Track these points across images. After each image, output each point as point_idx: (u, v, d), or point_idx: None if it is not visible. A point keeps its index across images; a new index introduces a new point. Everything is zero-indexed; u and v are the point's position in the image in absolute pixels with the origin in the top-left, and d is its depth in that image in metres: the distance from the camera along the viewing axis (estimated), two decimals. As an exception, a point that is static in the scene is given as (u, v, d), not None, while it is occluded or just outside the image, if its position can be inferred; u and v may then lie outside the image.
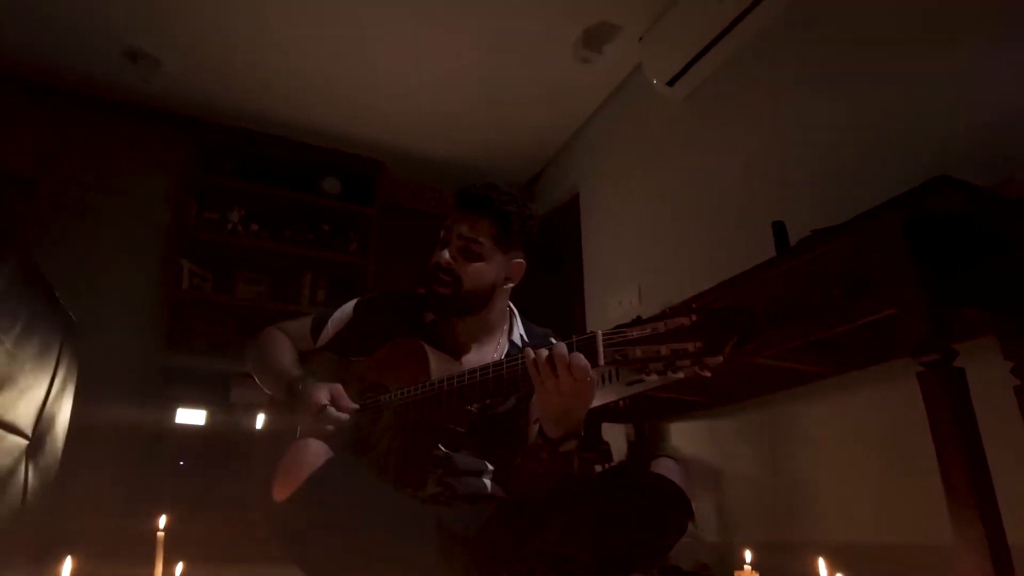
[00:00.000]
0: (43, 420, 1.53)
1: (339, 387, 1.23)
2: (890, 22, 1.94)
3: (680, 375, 0.88)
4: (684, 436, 2.55)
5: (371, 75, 3.25)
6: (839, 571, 1.15)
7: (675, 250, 2.74)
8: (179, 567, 1.30)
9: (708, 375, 0.87)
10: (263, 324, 1.46)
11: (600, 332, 0.95)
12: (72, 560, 0.87)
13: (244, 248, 3.57)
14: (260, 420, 1.52)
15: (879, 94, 1.93)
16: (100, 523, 2.43)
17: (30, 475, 1.47)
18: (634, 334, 0.91)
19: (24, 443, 1.45)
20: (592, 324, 3.24)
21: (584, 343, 0.97)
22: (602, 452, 2.57)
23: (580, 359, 0.95)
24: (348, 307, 1.44)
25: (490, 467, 1.28)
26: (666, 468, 1.08)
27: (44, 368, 1.49)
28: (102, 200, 3.29)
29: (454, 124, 3.65)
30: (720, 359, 0.85)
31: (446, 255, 1.29)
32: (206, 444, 3.08)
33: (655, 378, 0.90)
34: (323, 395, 1.20)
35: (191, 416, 3.14)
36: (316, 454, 0.99)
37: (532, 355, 1.00)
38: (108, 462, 2.83)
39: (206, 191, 3.52)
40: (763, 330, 1.51)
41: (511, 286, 1.36)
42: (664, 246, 2.82)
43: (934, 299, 1.20)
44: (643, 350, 0.90)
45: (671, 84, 2.72)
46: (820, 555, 1.14)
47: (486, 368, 1.08)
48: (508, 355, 1.31)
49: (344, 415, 1.20)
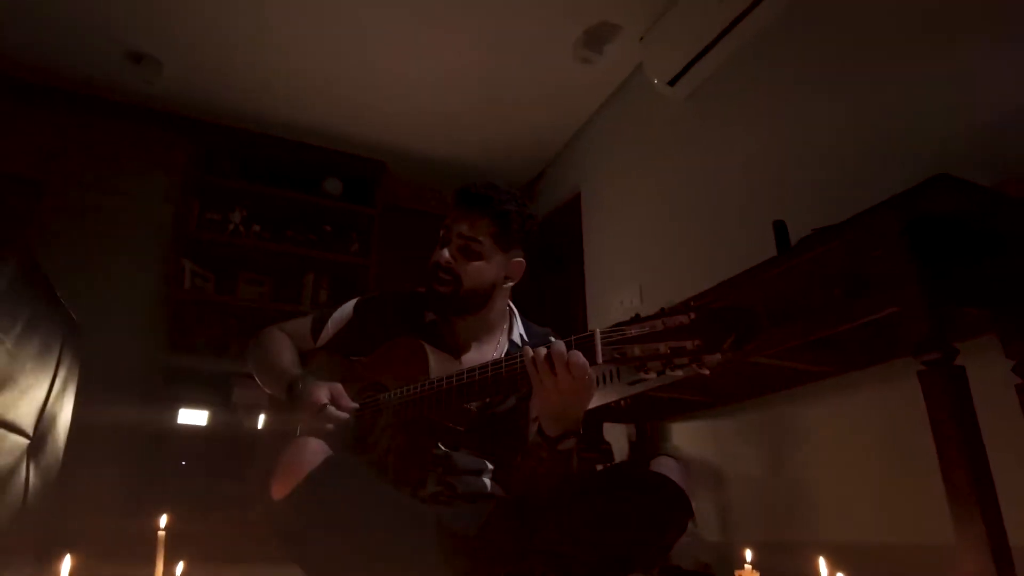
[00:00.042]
0: (44, 420, 1.54)
1: (339, 386, 1.23)
2: (890, 22, 1.93)
3: (679, 373, 0.88)
4: (685, 436, 2.55)
5: (372, 75, 3.25)
6: (840, 571, 1.15)
7: (676, 250, 2.74)
8: (180, 566, 1.30)
9: (707, 373, 0.86)
10: (265, 325, 1.46)
11: (598, 330, 0.95)
12: (72, 558, 0.87)
13: (246, 248, 3.57)
14: (261, 420, 1.53)
15: (879, 94, 1.92)
16: (101, 523, 2.43)
17: (31, 474, 1.47)
18: (632, 332, 0.91)
19: (25, 442, 1.45)
20: (593, 324, 3.24)
21: (582, 341, 0.97)
22: (603, 452, 2.57)
23: (578, 357, 0.95)
24: (348, 307, 1.44)
25: (490, 466, 1.28)
26: (666, 467, 1.08)
27: (45, 368, 1.49)
28: (104, 201, 3.30)
29: (455, 124, 3.65)
30: (718, 357, 0.84)
31: (446, 254, 1.29)
32: (208, 444, 3.09)
33: (654, 376, 0.90)
34: (323, 394, 1.20)
35: (193, 416, 3.15)
36: (315, 452, 0.99)
37: (531, 353, 1.00)
38: (110, 462, 2.83)
39: (208, 192, 3.53)
40: (763, 329, 1.50)
41: (511, 285, 1.36)
42: (665, 246, 2.82)
43: (935, 298, 1.19)
44: (641, 348, 0.89)
45: (672, 84, 2.71)
46: (821, 555, 1.14)
47: (485, 367, 1.08)
48: (508, 354, 1.31)
49: (344, 414, 1.20)
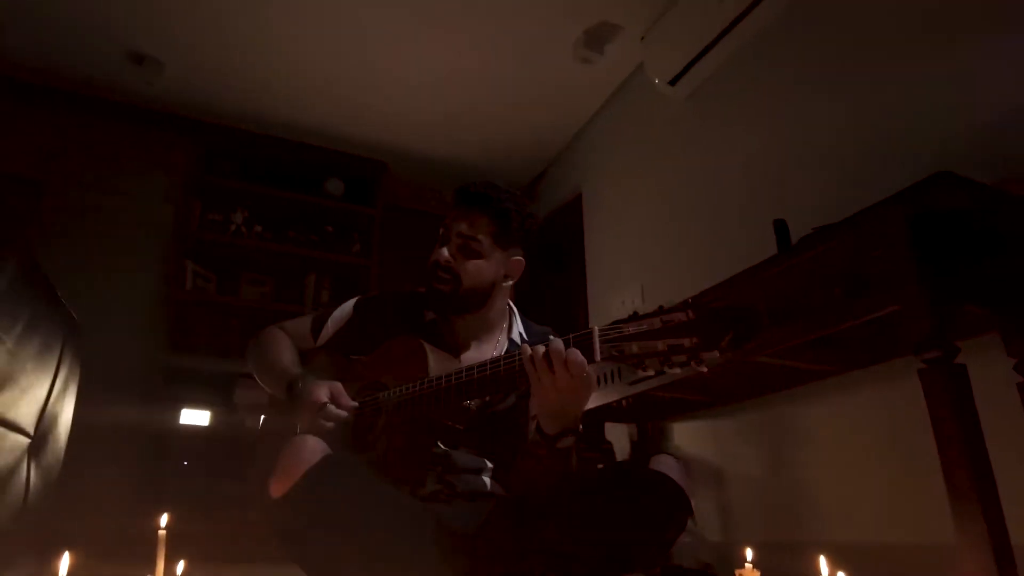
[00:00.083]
0: (45, 419, 1.54)
1: (339, 385, 1.23)
2: (890, 22, 1.93)
3: (677, 371, 0.87)
4: (686, 436, 2.54)
5: (373, 76, 3.25)
6: (841, 570, 1.14)
7: (678, 249, 2.73)
8: (180, 566, 1.30)
9: (705, 371, 0.86)
10: (267, 325, 1.46)
11: (596, 328, 0.95)
12: (70, 556, 0.87)
13: (248, 249, 3.57)
14: (262, 420, 1.53)
15: (879, 93, 1.92)
16: (102, 522, 2.44)
17: (32, 474, 1.47)
18: (630, 330, 0.91)
19: (26, 442, 1.45)
20: (595, 324, 3.19)
21: (581, 339, 0.97)
22: (604, 452, 2.56)
23: (576, 355, 0.95)
24: (348, 306, 1.44)
25: (490, 465, 1.28)
26: (665, 465, 1.08)
27: (46, 367, 1.49)
28: (105, 201, 3.30)
29: (456, 124, 3.65)
30: (716, 355, 0.84)
31: (445, 253, 1.29)
32: (210, 445, 3.09)
33: (652, 374, 0.90)
34: (323, 393, 1.20)
35: (195, 417, 3.15)
36: (313, 451, 0.99)
37: (529, 351, 1.00)
38: (111, 462, 2.84)
39: (209, 192, 3.53)
40: (764, 328, 1.50)
41: (511, 284, 1.36)
42: (667, 245, 2.82)
43: (936, 296, 1.18)
44: (640, 346, 0.89)
45: (673, 84, 2.71)
46: (822, 554, 1.13)
47: (484, 365, 1.08)
48: (507, 353, 1.31)
49: (343, 413, 1.20)
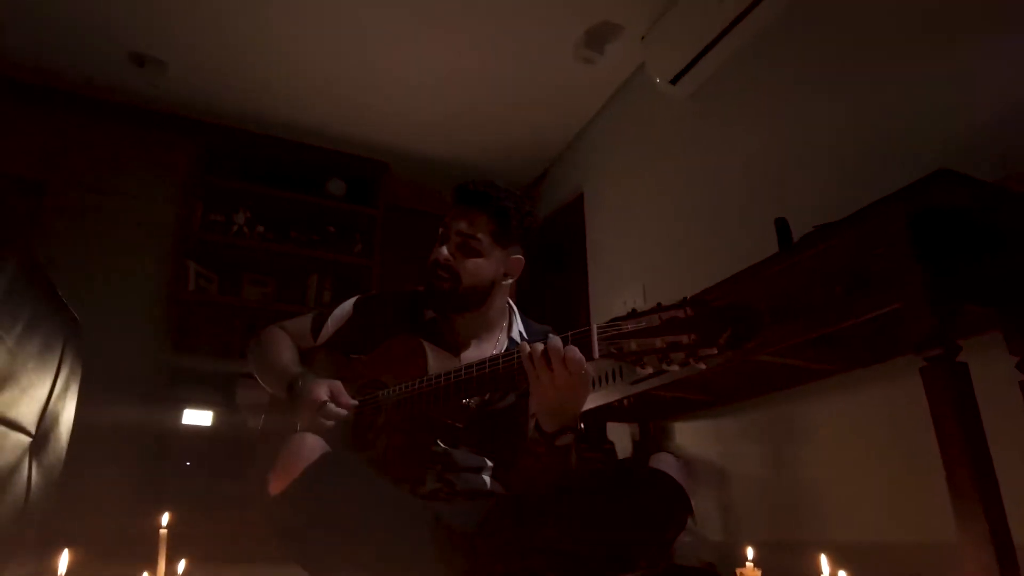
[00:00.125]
0: (47, 418, 1.54)
1: (338, 383, 1.24)
2: (890, 21, 1.92)
3: (675, 367, 0.87)
4: (688, 435, 2.54)
5: (375, 76, 3.25)
6: (843, 569, 1.14)
7: (679, 249, 2.73)
8: (182, 565, 1.31)
9: (703, 367, 0.86)
10: (268, 325, 1.47)
11: (595, 325, 0.95)
12: (69, 553, 0.87)
13: (250, 249, 3.57)
14: (262, 420, 1.53)
15: (881, 92, 1.91)
16: (105, 522, 2.44)
17: (34, 473, 1.48)
18: (629, 327, 0.91)
19: (27, 440, 1.45)
20: (596, 323, 3.22)
21: (579, 337, 0.97)
22: (607, 452, 2.56)
23: (575, 352, 0.95)
24: (348, 305, 1.44)
25: (489, 463, 1.27)
26: (665, 464, 1.08)
27: (47, 366, 1.50)
28: (108, 202, 3.31)
29: (458, 125, 3.65)
30: (714, 351, 0.84)
31: (444, 251, 1.29)
32: (212, 445, 3.09)
33: (650, 371, 0.89)
34: (322, 391, 1.21)
35: (198, 417, 3.15)
36: (312, 448, 0.99)
37: (527, 349, 1.00)
38: (114, 462, 2.84)
39: (211, 193, 3.52)
40: (765, 326, 1.50)
41: (510, 282, 1.36)
42: (668, 245, 2.81)
43: (938, 293, 1.18)
44: (638, 343, 0.89)
45: (674, 83, 2.70)
46: (823, 552, 1.13)
47: (483, 363, 1.08)
48: (506, 351, 1.31)
49: (343, 411, 1.20)
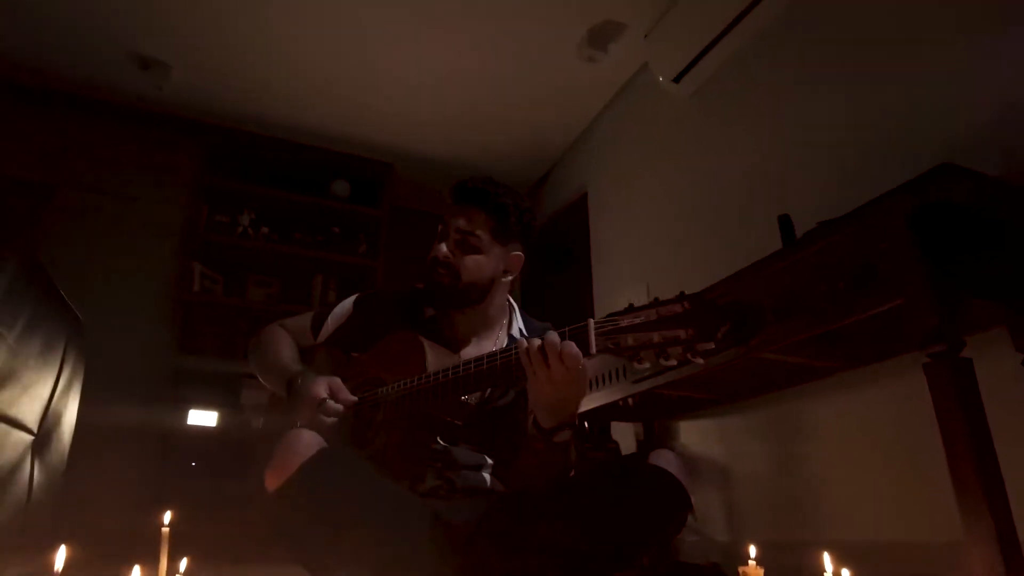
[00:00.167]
0: (49, 417, 1.55)
1: (337, 380, 1.23)
2: (891, 19, 1.91)
3: (672, 362, 0.86)
4: (693, 434, 2.52)
5: (376, 77, 3.25)
6: (849, 568, 1.13)
7: (683, 248, 2.71)
8: (183, 563, 1.30)
9: (701, 362, 0.85)
10: (271, 325, 1.47)
11: (592, 321, 0.94)
12: (66, 549, 0.87)
13: (255, 250, 3.58)
14: (264, 419, 1.53)
15: (882, 90, 1.89)
16: (108, 521, 2.45)
17: (36, 471, 1.48)
18: (625, 322, 0.90)
19: (29, 439, 1.46)
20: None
21: (576, 332, 0.96)
22: (610, 452, 2.55)
23: (572, 348, 0.95)
24: (348, 303, 1.44)
25: (490, 461, 1.27)
26: (665, 460, 1.07)
27: (49, 365, 1.50)
28: (113, 203, 3.32)
29: (461, 126, 3.65)
30: (712, 345, 0.83)
31: (443, 249, 1.29)
32: (217, 445, 3.10)
33: (647, 366, 0.89)
34: (322, 389, 1.20)
35: (203, 417, 3.16)
36: (309, 445, 0.99)
37: (525, 344, 0.99)
38: (119, 462, 2.85)
39: (216, 194, 3.54)
40: (767, 323, 1.48)
41: (510, 279, 1.35)
42: (672, 244, 2.80)
43: (941, 289, 1.16)
44: (635, 338, 0.88)
45: (677, 81, 2.69)
46: (826, 550, 1.12)
47: (480, 359, 1.08)
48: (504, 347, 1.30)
49: (342, 408, 1.20)
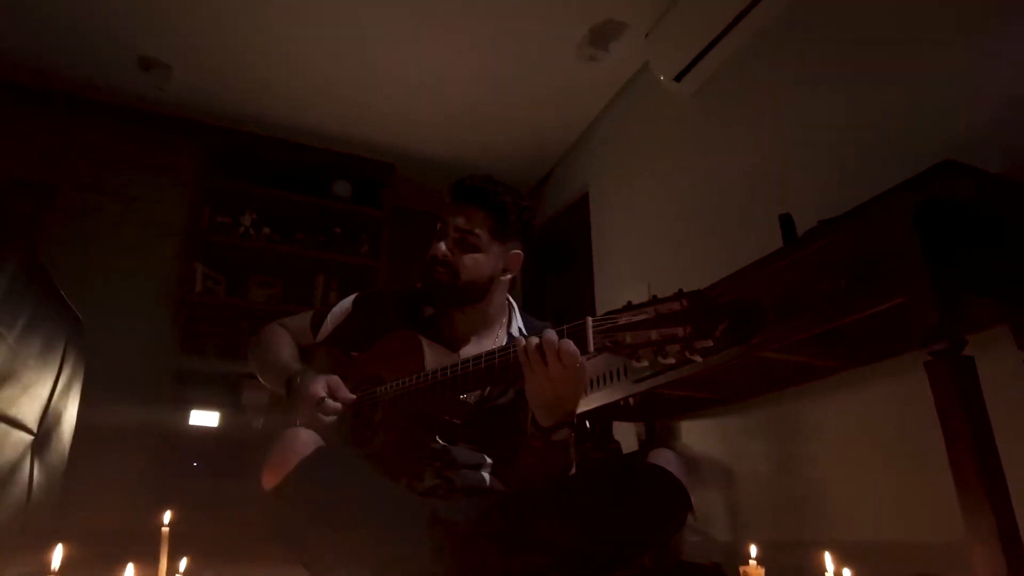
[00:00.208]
0: (49, 417, 1.54)
1: (336, 378, 1.23)
2: (891, 19, 1.90)
3: (671, 360, 0.86)
4: (694, 434, 2.51)
5: (380, 78, 3.26)
6: (851, 568, 1.12)
7: (684, 248, 2.71)
8: (183, 563, 1.30)
9: (699, 360, 0.85)
10: (272, 325, 1.47)
11: (590, 319, 0.94)
12: (63, 548, 0.87)
13: (256, 251, 3.59)
14: (264, 419, 1.53)
15: (882, 90, 1.89)
16: (109, 520, 2.45)
17: (36, 471, 1.48)
18: (623, 320, 0.90)
19: (29, 439, 1.46)
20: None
21: (574, 330, 0.96)
22: (612, 452, 2.54)
23: (569, 346, 0.94)
24: (347, 302, 1.44)
25: (489, 460, 1.26)
26: (664, 459, 1.07)
27: (48, 365, 1.50)
28: (115, 204, 3.32)
29: (463, 126, 3.64)
30: (710, 343, 0.83)
31: (442, 247, 1.28)
32: (219, 445, 3.10)
33: (646, 364, 0.88)
34: (320, 387, 1.20)
35: (204, 418, 3.17)
36: (306, 443, 0.99)
37: (523, 343, 0.99)
38: (121, 462, 2.85)
39: (218, 195, 3.55)
40: (768, 322, 1.48)
41: (510, 277, 1.35)
42: (673, 244, 2.79)
43: (942, 286, 1.16)
44: (632, 336, 0.88)
45: (678, 80, 2.69)
46: (827, 550, 1.11)
47: (478, 358, 1.07)
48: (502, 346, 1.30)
49: (341, 406, 1.20)
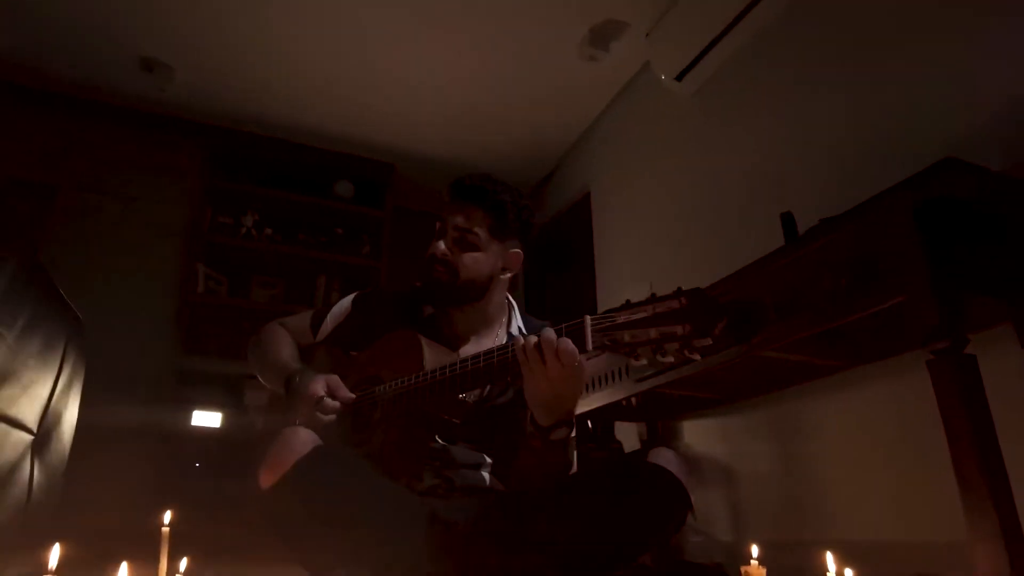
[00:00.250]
0: (49, 417, 1.54)
1: (336, 378, 1.23)
2: (891, 19, 1.89)
3: (670, 359, 0.86)
4: (696, 434, 2.51)
5: (380, 78, 3.25)
6: (853, 568, 1.11)
7: (685, 247, 2.70)
8: (183, 563, 1.30)
9: (698, 358, 0.84)
10: (273, 326, 1.47)
11: (588, 317, 0.94)
12: (60, 547, 0.87)
13: (258, 252, 3.59)
14: (265, 419, 1.53)
15: (882, 89, 1.88)
16: (107, 521, 2.45)
17: (36, 471, 1.48)
18: (622, 318, 0.89)
19: (29, 439, 1.46)
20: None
21: (572, 329, 0.95)
22: (614, 452, 2.54)
23: (568, 344, 0.94)
24: (347, 301, 1.44)
25: (488, 460, 1.26)
26: (664, 459, 1.06)
27: (48, 365, 1.50)
28: (117, 205, 3.33)
29: (464, 126, 3.64)
30: (709, 341, 0.82)
31: (442, 246, 1.28)
32: (221, 446, 3.10)
33: (645, 363, 0.88)
34: (319, 386, 1.20)
35: (207, 418, 3.17)
36: (304, 442, 0.99)
37: (521, 341, 0.99)
38: (122, 462, 2.85)
39: (220, 195, 3.55)
40: (769, 321, 1.47)
41: (509, 276, 1.35)
42: (674, 243, 2.79)
43: (944, 284, 1.15)
44: (631, 334, 0.87)
45: (679, 79, 2.68)
46: (829, 550, 1.11)
47: (477, 357, 1.07)
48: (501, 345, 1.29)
49: (339, 405, 1.20)
